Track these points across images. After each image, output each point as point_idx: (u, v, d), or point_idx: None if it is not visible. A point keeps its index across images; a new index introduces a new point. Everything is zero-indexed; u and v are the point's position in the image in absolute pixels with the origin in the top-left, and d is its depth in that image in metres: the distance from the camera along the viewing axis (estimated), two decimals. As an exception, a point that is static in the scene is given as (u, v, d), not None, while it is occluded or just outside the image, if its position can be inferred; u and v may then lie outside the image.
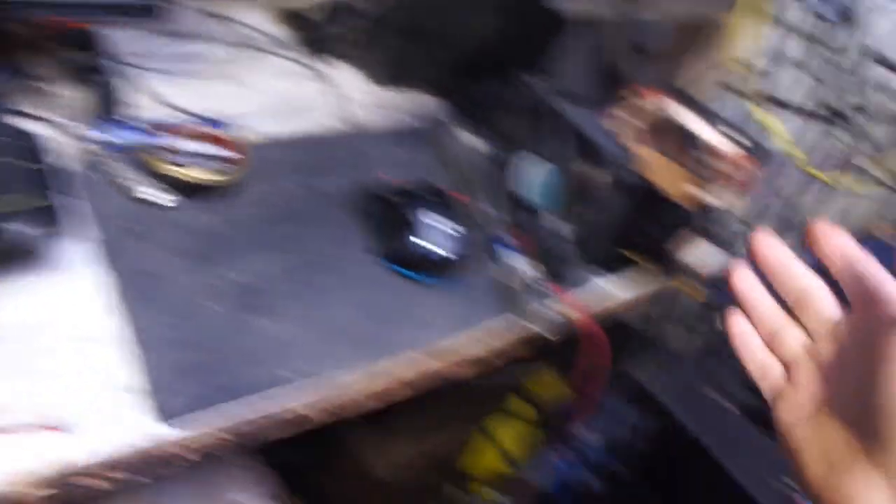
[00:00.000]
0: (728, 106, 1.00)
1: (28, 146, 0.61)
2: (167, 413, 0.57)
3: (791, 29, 0.94)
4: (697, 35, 1.01)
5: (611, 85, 1.13)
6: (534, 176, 0.80)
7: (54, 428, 0.52)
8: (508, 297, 0.76)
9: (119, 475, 0.56)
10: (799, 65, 0.95)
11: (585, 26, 1.18)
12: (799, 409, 0.40)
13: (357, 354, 0.67)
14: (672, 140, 0.88)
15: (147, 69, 0.89)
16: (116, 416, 0.56)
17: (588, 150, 0.72)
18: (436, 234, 0.76)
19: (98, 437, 0.54)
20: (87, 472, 0.53)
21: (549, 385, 1.42)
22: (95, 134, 0.78)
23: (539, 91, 0.79)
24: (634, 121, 0.90)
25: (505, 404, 1.39)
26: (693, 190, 0.85)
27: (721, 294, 0.90)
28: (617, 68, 1.17)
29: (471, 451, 1.45)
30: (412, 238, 0.75)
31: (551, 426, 1.36)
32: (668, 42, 1.06)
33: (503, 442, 1.44)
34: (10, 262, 0.62)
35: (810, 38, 0.92)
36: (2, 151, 0.58)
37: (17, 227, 0.57)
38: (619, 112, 0.91)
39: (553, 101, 0.76)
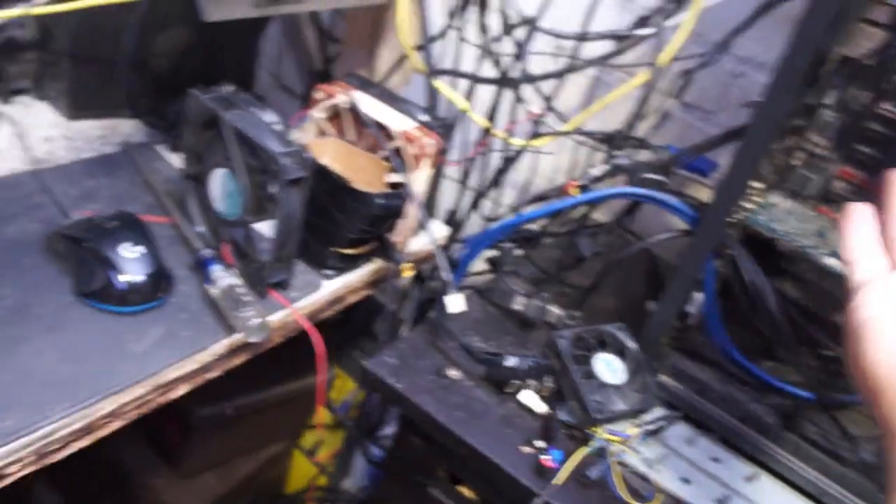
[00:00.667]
0: (411, 86, 1.05)
1: None
2: None
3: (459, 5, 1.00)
4: (380, 24, 1.05)
5: (315, 82, 1.16)
6: (221, 188, 0.80)
7: None
8: (219, 311, 0.76)
9: None
10: (473, 39, 1.02)
11: (286, 27, 1.21)
12: (886, 297, 0.42)
13: (56, 400, 0.65)
14: (361, 130, 0.92)
15: None
16: None
17: (258, 154, 0.74)
18: (133, 263, 0.74)
19: None
20: None
21: (343, 388, 1.43)
22: None
23: (209, 102, 0.79)
24: (324, 116, 0.93)
25: (310, 416, 1.39)
26: (387, 174, 0.89)
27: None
28: (320, 65, 1.21)
29: (286, 469, 1.44)
30: (109, 272, 0.74)
31: (349, 427, 1.38)
32: (353, 33, 1.10)
33: (315, 453, 1.44)
34: None
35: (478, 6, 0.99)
36: None
37: None
38: (311, 109, 0.94)
39: (217, 109, 0.77)
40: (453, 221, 1.10)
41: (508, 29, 0.99)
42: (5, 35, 0.96)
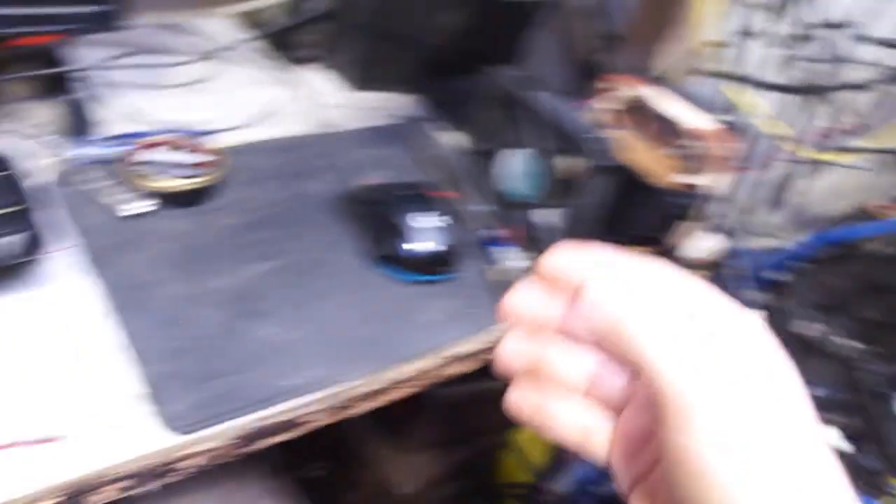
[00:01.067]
0: (702, 86, 1.00)
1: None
2: (169, 420, 0.56)
3: (756, 5, 0.94)
4: (666, 18, 1.01)
5: (583, 74, 1.14)
6: (515, 168, 0.79)
7: (52, 440, 0.51)
8: (503, 291, 0.75)
9: (124, 483, 0.55)
10: (769, 41, 0.96)
11: (554, 16, 1.19)
12: (638, 481, 0.31)
13: (356, 358, 0.66)
14: (650, 125, 0.88)
15: (115, 83, 0.89)
16: (118, 425, 0.55)
17: (564, 138, 0.72)
18: (425, 234, 0.75)
19: (100, 446, 0.53)
20: (91, 481, 0.52)
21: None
22: (68, 148, 0.77)
23: (508, 82, 0.78)
24: (611, 108, 0.90)
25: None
26: (677, 173, 0.85)
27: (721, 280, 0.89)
28: (588, 57, 1.18)
29: (495, 462, 1.43)
30: (401, 239, 0.74)
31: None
32: (636, 26, 1.06)
33: (527, 451, 1.43)
34: (7, 276, 0.62)
35: (777, 12, 0.93)
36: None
37: (4, 241, 0.55)
38: (595, 101, 0.91)
39: (523, 91, 0.76)
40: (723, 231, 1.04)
41: (814, 33, 0.92)
42: (311, 5, 1.01)
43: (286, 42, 1.04)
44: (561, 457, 1.35)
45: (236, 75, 1.00)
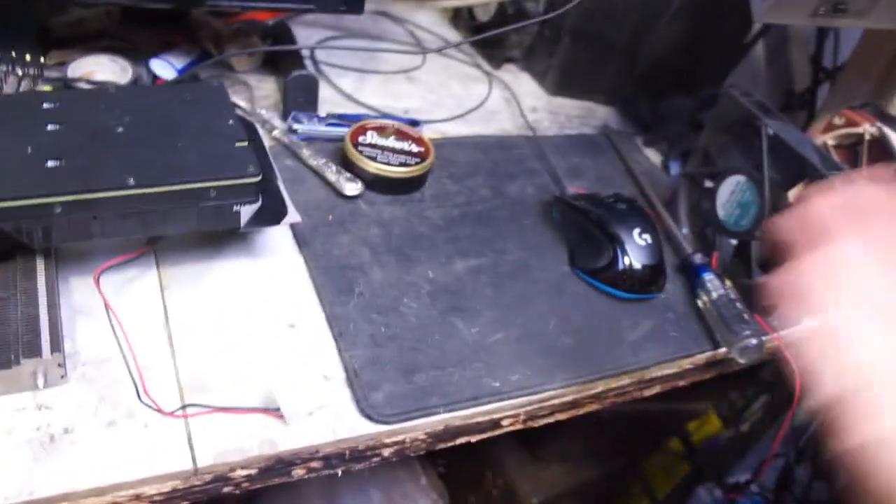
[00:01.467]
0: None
1: (246, 132, 0.60)
2: (367, 408, 0.56)
3: None
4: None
5: (792, 104, 1.08)
6: (728, 195, 0.75)
7: (275, 413, 0.51)
8: (707, 319, 0.72)
9: (315, 464, 0.55)
10: None
11: (768, 42, 1.14)
12: None
13: (555, 368, 0.64)
14: (881, 165, 0.83)
15: (328, 64, 0.91)
16: (316, 405, 0.56)
17: (803, 170, 0.67)
18: (638, 250, 0.72)
19: (301, 424, 0.54)
20: (288, 456, 0.53)
21: (708, 424, 1.36)
22: (290, 124, 0.78)
23: (742, 103, 0.74)
24: (834, 143, 0.85)
25: (660, 441, 1.35)
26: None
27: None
28: (801, 88, 1.12)
29: (622, 486, 1.40)
30: (617, 254, 0.72)
31: (700, 463, 1.31)
32: (862, 60, 1.00)
33: (651, 480, 1.39)
34: (229, 243, 0.64)
35: None
36: (228, 137, 0.58)
37: (244, 209, 0.56)
38: (817, 132, 0.87)
39: (760, 114, 0.72)
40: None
41: None
42: (518, 5, 1.00)
43: (491, 41, 1.04)
44: (688, 485, 1.31)
45: (441, 68, 1.01)
